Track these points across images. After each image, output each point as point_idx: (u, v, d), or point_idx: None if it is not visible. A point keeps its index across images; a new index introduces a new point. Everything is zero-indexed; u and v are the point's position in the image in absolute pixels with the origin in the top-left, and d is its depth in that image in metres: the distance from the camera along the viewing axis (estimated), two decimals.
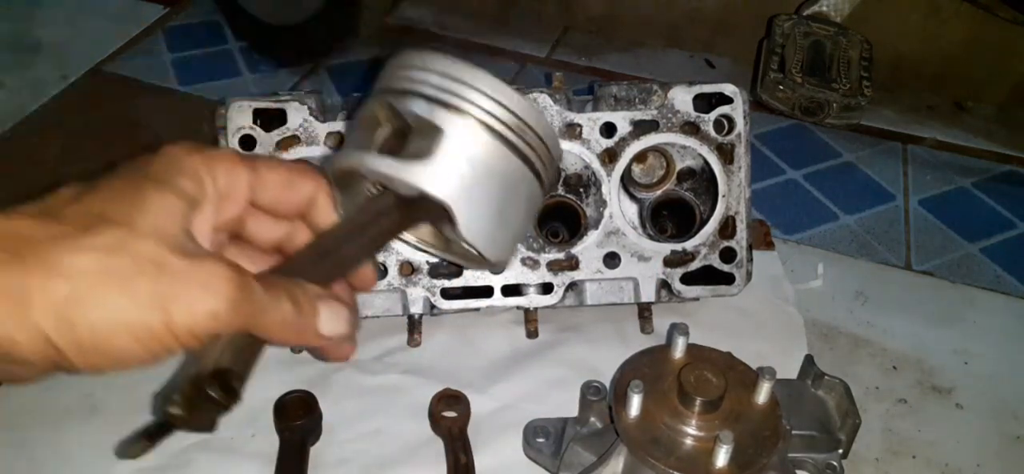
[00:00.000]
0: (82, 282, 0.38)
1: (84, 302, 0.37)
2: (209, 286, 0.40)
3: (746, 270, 0.78)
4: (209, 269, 0.40)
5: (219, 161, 0.46)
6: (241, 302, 0.41)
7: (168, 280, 0.39)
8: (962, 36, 1.17)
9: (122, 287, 0.38)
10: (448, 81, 0.47)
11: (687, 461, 0.58)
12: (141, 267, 0.39)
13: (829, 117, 1.12)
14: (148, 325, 0.38)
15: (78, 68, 1.20)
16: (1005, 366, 0.81)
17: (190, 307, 0.39)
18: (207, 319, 0.40)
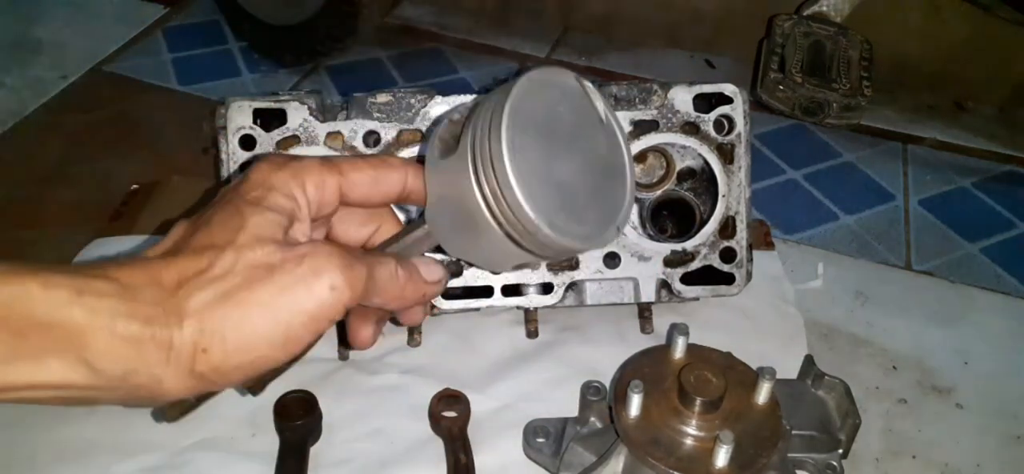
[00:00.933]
0: (208, 316, 0.41)
1: (215, 333, 0.42)
2: (319, 267, 0.43)
3: (746, 270, 0.78)
4: (314, 252, 0.44)
5: (307, 173, 0.48)
6: (352, 270, 0.44)
7: (280, 277, 0.43)
8: (962, 36, 1.17)
9: (244, 302, 0.42)
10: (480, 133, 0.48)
11: (687, 461, 0.58)
12: (255, 276, 0.42)
13: (829, 117, 1.12)
14: (277, 326, 0.42)
15: (78, 68, 1.20)
16: (1005, 366, 0.81)
17: (310, 291, 0.43)
18: (328, 294, 0.43)
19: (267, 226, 0.45)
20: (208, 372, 0.42)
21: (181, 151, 1.04)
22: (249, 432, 0.71)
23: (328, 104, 0.77)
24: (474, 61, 1.26)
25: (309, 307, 0.43)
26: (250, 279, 0.42)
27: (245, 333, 0.42)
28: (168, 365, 0.41)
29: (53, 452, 0.69)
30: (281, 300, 0.42)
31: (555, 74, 0.51)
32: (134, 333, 0.40)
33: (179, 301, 0.42)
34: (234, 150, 0.73)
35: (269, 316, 0.42)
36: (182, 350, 0.41)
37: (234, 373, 0.43)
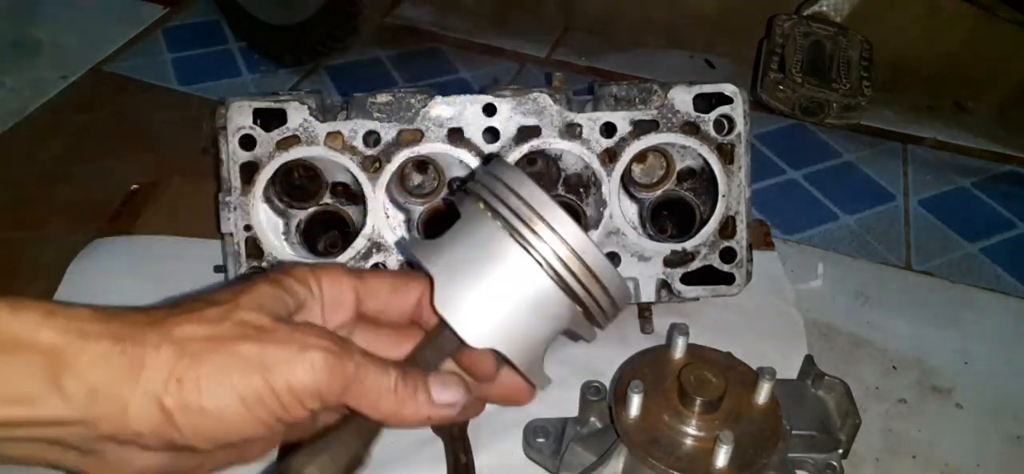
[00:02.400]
0: (189, 345, 0.40)
1: (193, 367, 0.40)
2: (307, 344, 0.42)
3: (746, 270, 0.78)
4: (307, 331, 0.43)
5: (325, 270, 0.48)
6: (339, 360, 0.42)
7: (268, 341, 0.41)
8: (962, 36, 1.17)
9: (226, 348, 0.40)
10: None
11: (687, 461, 0.58)
12: (243, 332, 0.41)
13: (829, 117, 1.12)
14: (251, 384, 0.40)
15: (78, 68, 1.20)
16: (1005, 366, 0.81)
17: (290, 362, 0.41)
18: (307, 375, 0.41)
19: (272, 298, 0.44)
20: (176, 410, 0.39)
21: (181, 151, 1.04)
22: None
23: (328, 104, 0.77)
24: (474, 61, 1.26)
25: (286, 377, 0.41)
26: (239, 333, 0.41)
27: (221, 381, 0.40)
28: (136, 387, 0.39)
29: None
30: (262, 360, 0.41)
31: None
32: (103, 349, 0.39)
33: (163, 326, 0.40)
34: (234, 150, 0.73)
35: (247, 373, 0.40)
36: (155, 374, 0.39)
37: (200, 423, 0.40)
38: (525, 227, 0.43)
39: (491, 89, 0.75)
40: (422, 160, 0.76)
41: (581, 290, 0.44)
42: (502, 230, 0.44)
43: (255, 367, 0.40)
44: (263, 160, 0.74)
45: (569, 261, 0.43)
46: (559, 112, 0.74)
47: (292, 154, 0.74)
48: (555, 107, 0.74)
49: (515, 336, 0.45)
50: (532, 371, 0.46)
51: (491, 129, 0.75)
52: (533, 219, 0.43)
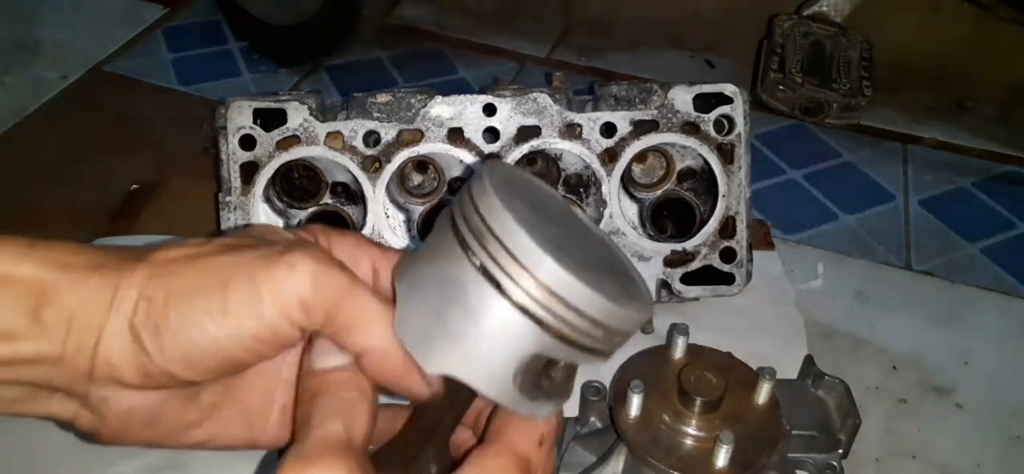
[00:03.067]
0: (164, 265, 0.37)
1: (161, 283, 0.37)
2: (291, 247, 0.38)
3: (746, 270, 0.78)
4: (295, 242, 0.39)
5: (341, 232, 0.44)
6: (330, 269, 0.37)
7: (247, 250, 0.38)
8: (962, 36, 1.17)
9: (200, 264, 0.37)
10: None
11: (687, 461, 0.58)
12: (222, 248, 0.38)
13: (829, 117, 1.12)
14: (224, 291, 0.36)
15: (78, 68, 1.20)
16: (1005, 366, 0.81)
17: (268, 268, 0.37)
18: (288, 278, 0.36)
19: (269, 231, 0.41)
20: (145, 331, 0.36)
21: (181, 151, 1.04)
22: None
23: (328, 104, 0.77)
24: (474, 61, 1.26)
25: (264, 282, 0.36)
26: (217, 249, 0.38)
27: (192, 295, 0.36)
28: (110, 312, 0.36)
29: (53, 452, 0.69)
30: (236, 267, 0.37)
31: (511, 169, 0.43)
32: (81, 277, 0.37)
33: (144, 253, 0.38)
34: (234, 150, 0.73)
35: (218, 278, 0.37)
36: (127, 295, 0.37)
37: (171, 345, 0.36)
38: (482, 250, 0.37)
39: (491, 89, 0.75)
40: (422, 160, 0.76)
41: (551, 319, 0.36)
42: (460, 250, 0.37)
43: (228, 278, 0.37)
44: (263, 160, 0.74)
45: (528, 287, 0.36)
46: (559, 112, 0.74)
47: (292, 154, 0.74)
48: (555, 107, 0.74)
49: (477, 363, 0.37)
50: (511, 401, 0.38)
51: (491, 129, 0.75)
52: (487, 239, 0.36)
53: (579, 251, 0.39)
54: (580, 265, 0.36)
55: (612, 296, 0.36)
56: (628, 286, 0.39)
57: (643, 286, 0.41)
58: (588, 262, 0.38)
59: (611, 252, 0.43)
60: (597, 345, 0.38)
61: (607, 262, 0.41)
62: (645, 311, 0.39)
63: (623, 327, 0.38)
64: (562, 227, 0.40)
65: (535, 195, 0.41)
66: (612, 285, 0.38)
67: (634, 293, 0.39)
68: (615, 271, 0.41)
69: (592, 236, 0.43)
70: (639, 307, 0.38)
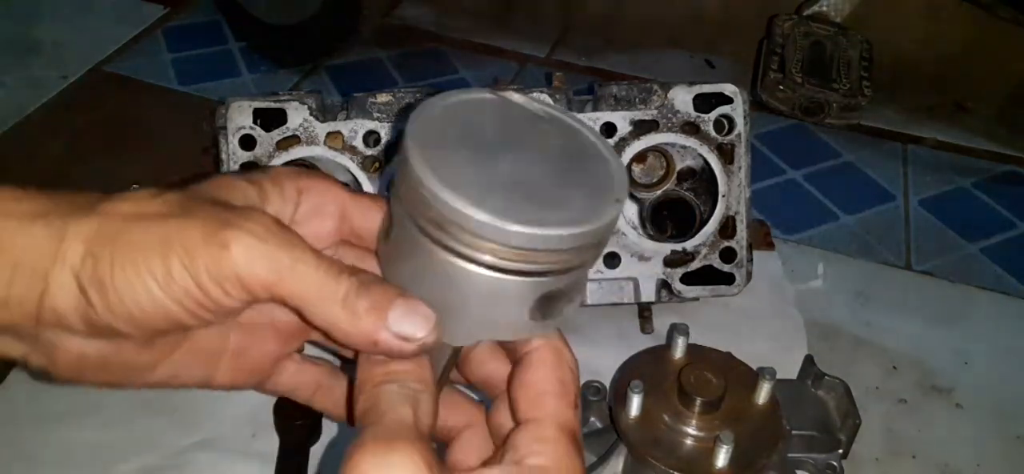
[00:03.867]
0: (111, 222, 0.36)
1: (107, 242, 0.36)
2: (229, 223, 0.36)
3: (746, 270, 0.78)
4: (239, 213, 0.36)
5: (310, 176, 0.42)
6: (267, 246, 0.36)
7: (190, 218, 0.36)
8: (962, 36, 1.17)
9: (144, 226, 0.36)
10: None
11: (687, 461, 0.58)
12: (169, 209, 0.36)
13: (829, 117, 1.12)
14: (163, 264, 0.35)
15: (78, 68, 1.20)
16: (1005, 366, 0.81)
17: (206, 243, 0.35)
18: (222, 257, 0.35)
19: (226, 188, 0.39)
20: (91, 288, 0.36)
21: (181, 151, 1.04)
22: (249, 432, 0.71)
23: (328, 104, 0.77)
24: (474, 61, 1.26)
25: (201, 257, 0.35)
26: (163, 211, 0.36)
27: (133, 260, 0.35)
28: (56, 262, 0.35)
29: (53, 452, 0.69)
30: (178, 238, 0.35)
31: (460, 95, 0.41)
32: (26, 225, 0.36)
33: (93, 201, 0.37)
34: (234, 150, 0.73)
35: (160, 252, 0.35)
36: (74, 247, 0.36)
37: (115, 304, 0.36)
38: (439, 232, 0.36)
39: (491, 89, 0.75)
40: None
41: (540, 266, 0.36)
42: (422, 237, 0.37)
43: (170, 246, 0.36)
44: (263, 160, 0.74)
45: (502, 254, 0.36)
46: None
47: (292, 154, 0.74)
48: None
49: (494, 326, 0.39)
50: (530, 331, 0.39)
51: None
52: (440, 223, 0.36)
53: (536, 172, 0.38)
54: (539, 199, 0.36)
55: (582, 217, 0.36)
56: (593, 190, 0.37)
57: (613, 171, 0.39)
58: (547, 183, 0.37)
59: (568, 143, 0.40)
60: (590, 256, 0.38)
61: (568, 167, 0.39)
62: (615, 205, 0.37)
63: (599, 235, 0.37)
64: (511, 149, 0.39)
65: (473, 123, 0.40)
66: (579, 201, 0.37)
67: (601, 197, 0.37)
68: (577, 176, 0.39)
69: (544, 137, 0.40)
70: (606, 210, 0.36)
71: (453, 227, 0.35)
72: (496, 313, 0.38)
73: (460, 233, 0.35)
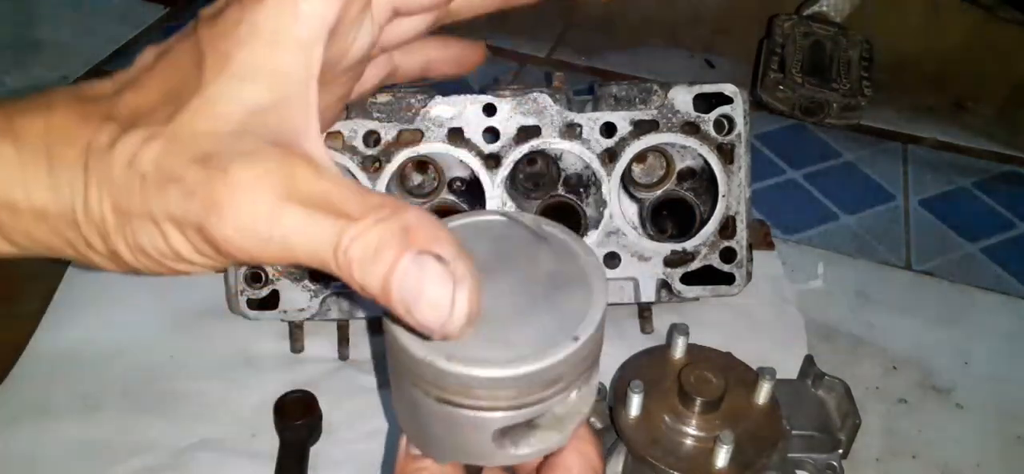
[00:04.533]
0: (107, 208, 0.33)
1: (115, 233, 0.33)
2: (227, 203, 0.31)
3: (746, 270, 0.78)
4: (244, 179, 0.31)
5: None
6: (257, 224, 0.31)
7: (179, 194, 0.31)
8: (962, 36, 1.17)
9: (132, 214, 0.33)
10: None
11: (687, 461, 0.58)
12: (148, 189, 0.32)
13: (829, 117, 1.12)
14: (159, 249, 0.33)
15: (78, 68, 1.20)
16: (1005, 366, 0.81)
17: (221, 214, 0.31)
18: (227, 230, 0.31)
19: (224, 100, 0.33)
20: (135, 268, 0.34)
21: None
22: (249, 432, 0.71)
23: None
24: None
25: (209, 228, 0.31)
26: (149, 184, 0.32)
27: (149, 232, 0.33)
28: (90, 250, 0.34)
29: (53, 452, 0.69)
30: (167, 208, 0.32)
31: (472, 217, 0.43)
32: (37, 204, 0.33)
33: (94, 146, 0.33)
34: None
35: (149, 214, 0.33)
36: (89, 230, 0.33)
37: (161, 273, 0.34)
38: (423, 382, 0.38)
39: (491, 89, 0.75)
40: (422, 160, 0.76)
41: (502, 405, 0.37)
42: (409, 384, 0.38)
43: (163, 224, 0.32)
44: None
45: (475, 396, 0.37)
46: (559, 112, 0.74)
47: None
48: (555, 107, 0.74)
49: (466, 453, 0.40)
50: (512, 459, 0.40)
51: (491, 129, 0.75)
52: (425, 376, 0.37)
53: (508, 303, 0.38)
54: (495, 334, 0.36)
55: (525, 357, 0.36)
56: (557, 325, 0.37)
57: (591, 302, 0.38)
58: (515, 315, 0.37)
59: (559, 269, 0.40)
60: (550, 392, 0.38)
61: (546, 297, 0.39)
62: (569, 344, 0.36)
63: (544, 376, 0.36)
64: (494, 276, 0.38)
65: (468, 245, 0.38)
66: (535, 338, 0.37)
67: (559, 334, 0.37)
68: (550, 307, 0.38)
69: (535, 262, 0.40)
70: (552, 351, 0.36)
71: (404, 357, 0.37)
72: (460, 441, 0.39)
73: (411, 365, 0.37)
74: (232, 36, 0.33)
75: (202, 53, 0.33)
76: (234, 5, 0.33)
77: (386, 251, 0.29)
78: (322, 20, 0.33)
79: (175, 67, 0.34)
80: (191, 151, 0.31)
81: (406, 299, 0.30)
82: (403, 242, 0.29)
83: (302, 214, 0.30)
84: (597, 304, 0.38)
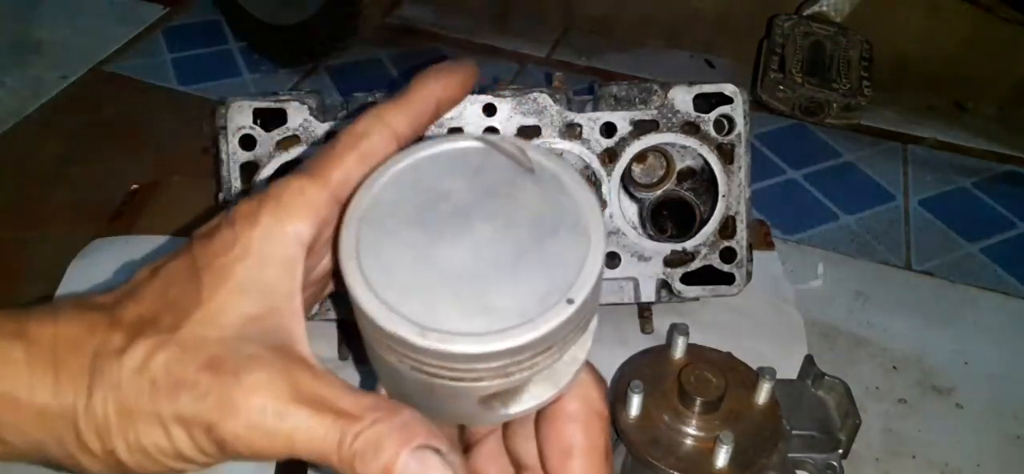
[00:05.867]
0: (112, 410, 0.35)
1: (116, 434, 0.35)
2: (231, 416, 0.33)
3: (746, 270, 0.78)
4: (254, 383, 0.34)
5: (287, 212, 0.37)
6: (274, 416, 0.33)
7: (191, 397, 0.34)
8: (962, 36, 1.17)
9: (139, 415, 0.35)
10: None
11: (687, 461, 0.58)
12: (158, 392, 0.34)
13: (829, 117, 1.12)
14: (161, 448, 0.35)
15: (78, 68, 1.20)
16: (1005, 366, 0.81)
17: (220, 423, 0.34)
18: (249, 428, 0.33)
19: (228, 311, 0.36)
20: (126, 466, 0.35)
21: (181, 151, 1.04)
22: None
23: (328, 104, 0.77)
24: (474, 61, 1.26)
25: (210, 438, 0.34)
26: (155, 390, 0.34)
27: (140, 423, 0.35)
28: (82, 450, 0.35)
29: None
30: (179, 422, 0.34)
31: (439, 146, 0.37)
32: (38, 403, 0.35)
33: (91, 369, 0.35)
34: (234, 150, 0.73)
35: (159, 437, 0.35)
36: (87, 429, 0.35)
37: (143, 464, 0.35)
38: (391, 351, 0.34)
39: (491, 89, 0.75)
40: None
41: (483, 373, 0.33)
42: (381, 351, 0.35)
43: (171, 427, 0.35)
44: (263, 160, 0.74)
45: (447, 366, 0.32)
46: (559, 112, 0.74)
47: (292, 154, 0.74)
48: (555, 107, 0.74)
49: (454, 416, 0.37)
50: (498, 419, 0.36)
51: (491, 129, 0.75)
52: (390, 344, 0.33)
53: (490, 255, 0.33)
54: (476, 297, 0.32)
55: (513, 324, 0.31)
56: (549, 283, 0.32)
57: (587, 252, 0.33)
58: (497, 271, 0.32)
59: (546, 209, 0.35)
60: (541, 357, 0.33)
61: (533, 245, 0.33)
62: (563, 308, 0.31)
63: (536, 345, 0.32)
64: (471, 223, 0.34)
65: (439, 187, 0.35)
66: (522, 300, 0.32)
67: (552, 294, 0.32)
68: (539, 259, 0.33)
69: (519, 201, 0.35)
70: (544, 320, 0.31)
71: (376, 331, 0.33)
72: (443, 406, 0.35)
73: (383, 338, 0.33)
74: (228, 254, 0.36)
75: (199, 269, 0.37)
76: (226, 227, 0.37)
77: (387, 446, 0.32)
78: (301, 240, 0.37)
79: (172, 281, 0.37)
80: (200, 357, 0.34)
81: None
82: (403, 437, 0.32)
83: (307, 414, 0.33)
84: (594, 254, 0.32)
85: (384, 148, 0.38)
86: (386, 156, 0.38)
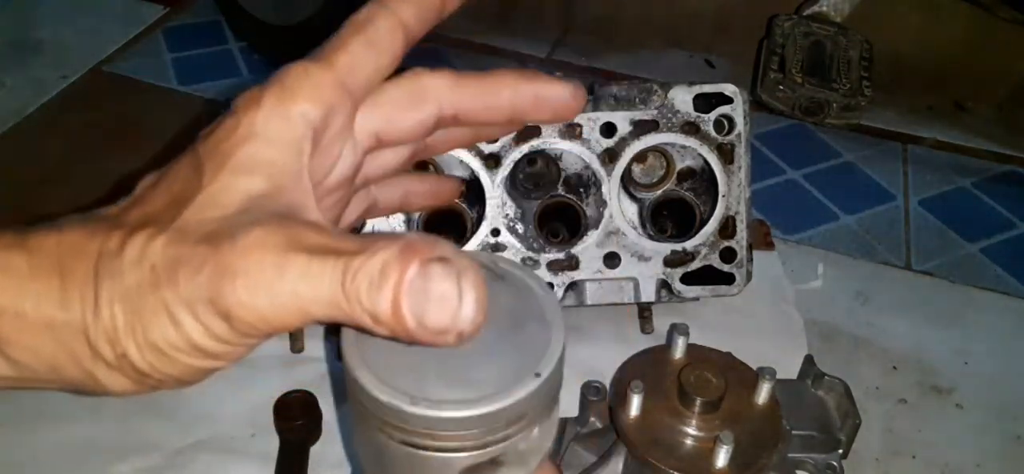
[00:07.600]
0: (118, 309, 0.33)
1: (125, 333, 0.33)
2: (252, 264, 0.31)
3: (746, 270, 0.78)
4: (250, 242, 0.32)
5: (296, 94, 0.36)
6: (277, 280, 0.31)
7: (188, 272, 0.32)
8: (962, 36, 1.17)
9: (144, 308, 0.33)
10: None
11: (687, 461, 0.58)
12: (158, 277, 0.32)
13: (829, 117, 1.12)
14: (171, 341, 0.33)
15: (78, 68, 1.20)
16: (1005, 366, 0.81)
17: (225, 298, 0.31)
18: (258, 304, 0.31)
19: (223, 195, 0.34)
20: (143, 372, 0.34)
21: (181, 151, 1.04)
22: (249, 432, 0.71)
23: None
24: (474, 61, 1.26)
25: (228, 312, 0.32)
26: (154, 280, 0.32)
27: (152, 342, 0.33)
28: (96, 360, 0.33)
29: (53, 452, 0.69)
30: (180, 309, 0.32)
31: None
32: (46, 315, 0.33)
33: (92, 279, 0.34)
34: None
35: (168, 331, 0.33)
36: (98, 338, 0.33)
37: (167, 379, 0.34)
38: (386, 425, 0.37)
39: None
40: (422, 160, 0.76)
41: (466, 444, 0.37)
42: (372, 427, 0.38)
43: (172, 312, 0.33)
44: None
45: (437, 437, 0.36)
46: None
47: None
48: None
49: None
50: None
51: None
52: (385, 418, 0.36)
53: None
54: (458, 374, 0.36)
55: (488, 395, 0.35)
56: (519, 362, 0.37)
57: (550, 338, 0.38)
58: (476, 353, 0.37)
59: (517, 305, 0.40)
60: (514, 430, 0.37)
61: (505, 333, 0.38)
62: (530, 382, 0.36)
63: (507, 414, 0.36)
64: None
65: None
66: (497, 375, 0.36)
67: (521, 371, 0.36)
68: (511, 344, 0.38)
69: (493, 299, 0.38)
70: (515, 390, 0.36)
71: (368, 401, 0.36)
72: None
73: (375, 409, 0.36)
74: (230, 138, 0.35)
75: (201, 160, 0.36)
76: (228, 116, 0.36)
77: (391, 270, 0.30)
78: (308, 121, 0.36)
79: (176, 179, 0.36)
80: (198, 235, 0.33)
81: (416, 309, 0.30)
82: (406, 257, 0.30)
83: (306, 259, 0.31)
84: (556, 340, 0.38)
85: (389, 34, 0.38)
86: (392, 43, 0.38)
